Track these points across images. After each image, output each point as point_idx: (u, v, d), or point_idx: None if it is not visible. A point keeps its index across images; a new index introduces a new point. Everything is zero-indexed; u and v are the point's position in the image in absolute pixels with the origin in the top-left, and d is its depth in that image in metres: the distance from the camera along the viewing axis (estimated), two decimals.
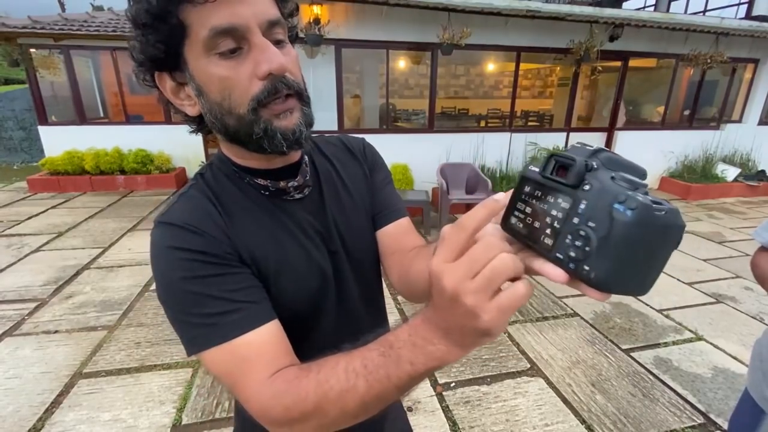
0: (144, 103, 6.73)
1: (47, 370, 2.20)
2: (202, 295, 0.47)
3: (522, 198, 0.34)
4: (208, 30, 0.43)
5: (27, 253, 3.69)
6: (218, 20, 0.43)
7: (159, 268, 0.49)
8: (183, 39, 0.45)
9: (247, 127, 0.48)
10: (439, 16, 4.71)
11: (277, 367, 0.45)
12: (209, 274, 0.48)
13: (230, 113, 0.48)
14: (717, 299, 3.13)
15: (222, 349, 0.46)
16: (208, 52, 0.45)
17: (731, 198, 6.28)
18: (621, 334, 2.65)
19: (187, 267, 0.47)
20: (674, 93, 6.54)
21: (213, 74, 0.46)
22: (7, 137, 8.52)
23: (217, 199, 0.54)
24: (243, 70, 0.46)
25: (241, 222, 0.54)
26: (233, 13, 0.43)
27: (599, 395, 2.10)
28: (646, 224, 0.26)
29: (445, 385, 2.15)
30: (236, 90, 0.46)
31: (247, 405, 0.44)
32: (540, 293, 3.16)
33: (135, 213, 4.91)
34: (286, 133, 0.49)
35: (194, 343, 0.47)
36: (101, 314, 2.74)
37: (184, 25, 0.44)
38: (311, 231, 0.59)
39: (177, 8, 0.43)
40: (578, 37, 5.24)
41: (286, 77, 0.47)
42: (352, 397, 0.39)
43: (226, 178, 0.57)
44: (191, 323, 0.47)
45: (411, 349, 0.36)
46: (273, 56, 0.45)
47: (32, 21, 5.77)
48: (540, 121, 7.78)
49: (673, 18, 5.31)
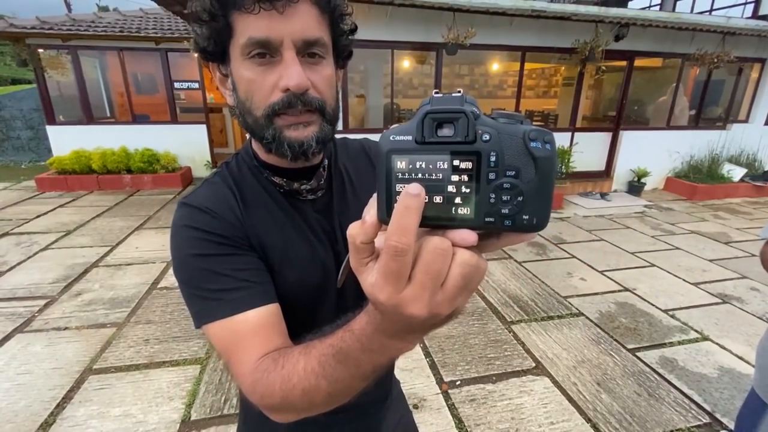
0: (150, 102, 6.79)
1: (58, 366, 2.23)
2: (211, 271, 0.51)
3: (401, 178, 0.27)
4: (246, 38, 0.47)
5: (36, 251, 3.74)
6: (256, 31, 0.47)
7: (175, 243, 0.53)
8: (229, 39, 0.49)
9: (260, 130, 0.52)
10: (443, 16, 4.71)
11: (268, 349, 0.48)
12: (219, 253, 0.52)
13: (249, 113, 0.52)
14: (723, 299, 3.12)
15: (223, 324, 0.49)
16: (243, 55, 0.49)
17: (737, 198, 6.24)
18: (626, 333, 2.65)
19: (199, 245, 0.52)
20: (680, 93, 6.51)
21: (243, 75, 0.50)
22: (15, 137, 8.61)
23: (237, 188, 0.58)
24: (269, 78, 0.49)
25: (256, 212, 0.58)
26: (271, 27, 0.47)
27: (604, 394, 2.11)
28: (556, 152, 0.26)
29: (450, 383, 2.16)
30: (257, 94, 0.50)
31: (237, 382, 0.49)
32: (545, 293, 3.17)
33: (142, 212, 4.96)
34: (293, 144, 0.52)
35: (200, 315, 0.51)
36: (110, 311, 2.78)
37: (231, 27, 0.48)
38: (319, 230, 0.62)
39: (227, 12, 0.47)
40: (583, 37, 5.22)
41: (307, 94, 0.50)
42: (317, 394, 0.40)
43: (248, 170, 0.60)
44: (199, 297, 0.51)
45: (369, 355, 0.35)
46: (295, 74, 0.48)
47: (40, 21, 5.83)
48: (545, 120, 7.76)
49: (679, 17, 5.28)
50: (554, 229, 4.71)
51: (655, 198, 6.19)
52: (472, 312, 2.86)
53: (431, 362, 2.33)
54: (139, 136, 6.34)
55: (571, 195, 6.09)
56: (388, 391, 0.79)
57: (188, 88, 6.59)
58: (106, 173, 6.00)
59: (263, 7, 0.46)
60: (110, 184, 5.99)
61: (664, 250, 4.11)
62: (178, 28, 6.24)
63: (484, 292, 3.16)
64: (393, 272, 0.26)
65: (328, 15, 0.51)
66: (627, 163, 6.37)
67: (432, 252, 0.25)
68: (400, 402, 0.88)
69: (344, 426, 0.70)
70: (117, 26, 6.05)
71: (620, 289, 3.26)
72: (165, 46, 6.20)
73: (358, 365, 0.36)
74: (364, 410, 0.73)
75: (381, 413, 0.76)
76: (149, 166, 6.14)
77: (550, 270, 3.59)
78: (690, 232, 4.70)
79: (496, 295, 3.11)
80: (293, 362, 0.42)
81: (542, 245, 4.18)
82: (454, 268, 0.26)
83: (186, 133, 6.60)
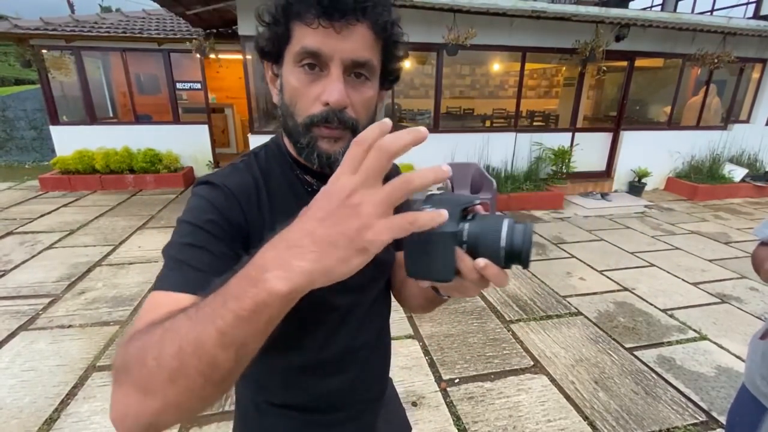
0: (153, 103, 6.83)
1: (62, 363, 2.27)
2: (181, 247, 0.50)
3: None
4: (300, 47, 0.51)
5: (40, 250, 3.78)
6: (310, 43, 0.50)
7: (183, 211, 0.55)
8: (286, 44, 0.53)
9: (297, 135, 0.55)
10: (444, 17, 4.73)
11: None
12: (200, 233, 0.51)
13: (291, 117, 0.55)
14: (722, 299, 3.13)
15: (153, 294, 0.47)
16: (295, 62, 0.52)
17: (739, 198, 6.24)
18: (625, 333, 2.67)
19: (191, 220, 0.52)
20: (681, 93, 6.51)
21: (290, 81, 0.54)
22: (19, 137, 8.67)
23: (263, 177, 0.60)
24: (313, 90, 0.52)
25: (281, 202, 0.59)
26: (325, 42, 0.50)
27: (602, 392, 2.12)
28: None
29: (449, 381, 2.19)
30: (301, 102, 0.54)
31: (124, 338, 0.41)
32: (544, 293, 3.19)
33: (144, 211, 4.99)
34: (322, 155, 0.55)
35: (157, 281, 0.49)
36: (113, 310, 2.81)
37: (290, 34, 0.52)
38: None
39: (288, 20, 0.52)
40: (584, 37, 5.23)
41: (344, 112, 0.53)
42: (170, 338, 0.34)
43: (278, 164, 0.63)
44: (163, 266, 0.50)
45: (241, 281, 0.33)
46: (336, 91, 0.51)
47: (44, 23, 5.88)
48: (545, 120, 7.76)
49: (680, 18, 5.29)
50: (554, 229, 4.72)
51: (655, 198, 6.19)
52: (471, 311, 2.89)
53: (430, 360, 2.35)
54: (142, 136, 6.38)
55: (571, 195, 6.10)
56: (382, 390, 0.80)
57: (190, 88, 6.63)
58: (109, 173, 6.04)
59: (322, 24, 0.49)
60: (113, 183, 6.03)
61: (664, 250, 4.12)
62: (180, 29, 6.28)
63: (484, 291, 3.18)
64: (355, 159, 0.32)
65: (382, 40, 0.54)
66: (628, 163, 6.38)
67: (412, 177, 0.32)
68: (394, 401, 0.90)
69: (340, 426, 0.71)
70: (120, 27, 6.10)
71: (619, 289, 3.27)
72: (167, 47, 6.24)
73: (243, 299, 0.32)
74: (360, 410, 0.74)
75: (376, 412, 0.78)
76: (152, 166, 6.18)
77: (549, 270, 3.60)
78: (690, 232, 4.70)
79: (495, 295, 3.13)
80: (177, 315, 0.36)
81: (542, 245, 4.19)
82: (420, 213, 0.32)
83: (188, 133, 6.64)
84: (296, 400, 0.67)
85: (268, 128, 5.73)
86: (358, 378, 0.70)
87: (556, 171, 5.95)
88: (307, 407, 0.68)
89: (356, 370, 0.69)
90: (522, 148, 5.84)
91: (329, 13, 0.48)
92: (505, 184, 5.45)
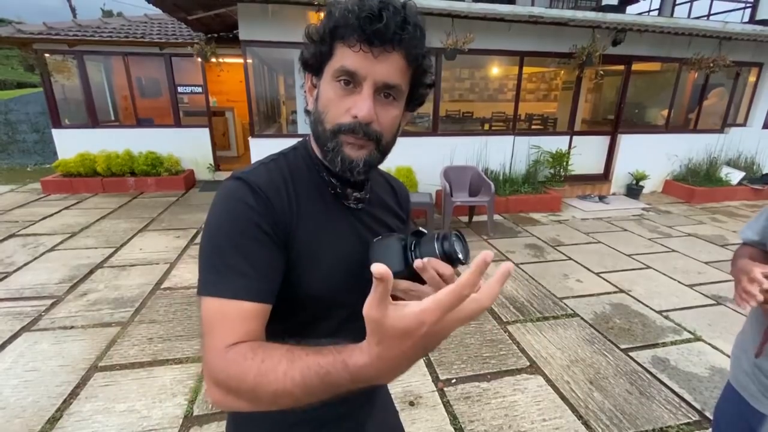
0: (154, 106, 6.89)
1: (64, 363, 2.30)
2: (240, 252, 0.56)
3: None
4: (340, 65, 0.57)
5: (42, 252, 3.81)
6: (349, 63, 0.56)
7: (221, 210, 0.58)
8: (328, 59, 0.60)
9: (324, 140, 0.61)
10: (443, 22, 4.79)
11: (246, 338, 0.53)
12: (256, 238, 0.57)
13: (321, 123, 0.61)
14: (717, 301, 3.16)
15: (221, 301, 0.54)
16: (333, 76, 0.59)
17: (736, 201, 6.28)
18: (620, 334, 2.70)
19: (244, 223, 0.57)
20: (678, 96, 6.57)
21: (326, 91, 0.60)
22: (21, 140, 8.72)
23: (292, 178, 0.65)
24: (345, 102, 0.58)
25: (307, 203, 0.64)
26: (362, 64, 0.56)
27: (597, 392, 2.15)
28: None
29: (446, 381, 2.22)
30: (332, 111, 0.59)
31: (206, 355, 0.52)
32: (541, 294, 3.22)
33: (145, 214, 5.04)
34: (345, 160, 0.60)
35: (208, 285, 0.55)
36: (114, 311, 2.84)
37: (333, 52, 0.59)
38: (355, 235, 0.69)
39: (333, 40, 0.58)
40: (581, 42, 5.29)
41: (370, 126, 0.59)
42: (286, 397, 0.46)
43: (305, 165, 0.68)
44: (216, 268, 0.56)
45: (353, 386, 0.44)
46: (365, 107, 0.57)
47: (47, 27, 5.94)
48: (544, 124, 7.82)
49: (677, 23, 5.35)
50: (552, 231, 4.76)
51: (653, 201, 6.23)
52: None
53: (427, 361, 2.38)
54: (143, 139, 6.43)
55: (569, 198, 6.14)
56: (375, 391, 0.83)
57: (191, 92, 6.69)
58: (110, 176, 6.09)
59: (363, 49, 0.55)
60: (114, 186, 6.07)
61: (661, 253, 4.16)
62: (182, 33, 6.35)
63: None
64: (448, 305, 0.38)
65: (413, 68, 0.60)
66: (626, 166, 6.42)
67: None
68: (386, 402, 0.92)
69: (332, 425, 0.73)
70: (122, 32, 6.16)
71: (615, 291, 3.31)
72: (169, 51, 6.30)
73: (338, 390, 0.44)
74: (353, 408, 0.76)
75: (369, 411, 0.80)
76: (153, 168, 6.23)
77: (546, 272, 3.64)
78: (687, 234, 4.74)
79: None
80: (274, 361, 0.46)
81: (540, 247, 4.23)
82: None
83: (189, 136, 6.70)
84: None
85: (268, 131, 5.78)
86: None
87: (554, 174, 5.99)
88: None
89: None
90: (520, 151, 5.89)
91: (370, 40, 0.54)
92: (503, 187, 5.50)
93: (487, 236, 4.51)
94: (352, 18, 0.54)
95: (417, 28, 0.57)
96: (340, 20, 0.56)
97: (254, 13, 4.54)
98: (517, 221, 5.12)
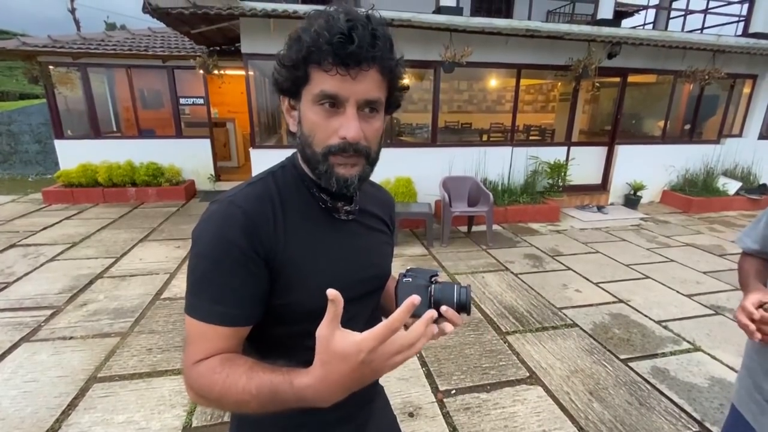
0: (156, 117, 6.97)
1: (63, 374, 2.30)
2: (221, 282, 0.59)
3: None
4: (320, 90, 0.58)
5: (43, 262, 3.82)
6: (328, 87, 0.57)
7: (208, 233, 0.60)
8: (304, 84, 0.60)
9: (315, 163, 0.63)
10: (441, 36, 4.88)
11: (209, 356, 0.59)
12: (237, 268, 0.59)
13: (309, 146, 0.63)
14: (716, 311, 3.17)
15: (202, 324, 0.60)
16: (313, 101, 0.60)
17: (733, 211, 6.31)
18: (619, 344, 2.70)
19: (227, 251, 0.59)
20: (674, 107, 6.65)
21: (310, 116, 0.61)
22: (23, 150, 8.79)
23: (280, 197, 0.66)
24: (331, 124, 0.60)
25: (296, 220, 0.66)
26: (341, 87, 0.57)
27: (596, 403, 2.15)
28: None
29: (445, 392, 2.21)
30: (319, 134, 0.61)
31: (184, 363, 0.60)
32: (541, 304, 3.22)
33: (146, 224, 5.06)
34: (340, 179, 0.63)
35: (192, 307, 0.61)
36: (114, 321, 2.84)
37: (309, 76, 0.59)
38: (348, 246, 0.71)
39: (307, 65, 0.58)
40: (577, 55, 5.38)
41: (359, 143, 0.61)
42: (245, 407, 0.54)
43: (294, 183, 0.69)
44: (198, 293, 0.60)
45: (297, 404, 0.51)
46: (353, 128, 0.59)
47: (52, 40, 6.05)
48: (542, 135, 7.90)
49: (670, 36, 5.46)
50: (551, 241, 4.78)
51: (651, 211, 6.27)
52: (468, 323, 2.92)
53: (427, 371, 2.38)
54: (145, 149, 6.49)
55: (568, 208, 6.18)
56: (374, 392, 0.85)
57: (193, 103, 6.77)
58: (111, 186, 6.12)
59: (339, 72, 0.56)
60: (115, 196, 6.11)
61: (659, 263, 4.17)
62: (185, 46, 6.45)
63: (481, 303, 3.22)
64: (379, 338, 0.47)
65: (388, 79, 0.62)
66: (623, 177, 6.47)
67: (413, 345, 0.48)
68: (386, 408, 0.94)
69: (334, 427, 0.75)
70: (126, 45, 6.26)
71: (615, 301, 3.31)
72: (172, 64, 6.40)
73: (285, 405, 0.51)
74: (353, 411, 0.78)
75: (368, 414, 0.83)
76: (154, 179, 6.27)
77: (545, 282, 3.65)
78: (685, 244, 4.76)
79: (492, 306, 3.17)
80: (236, 377, 0.54)
81: (539, 257, 4.24)
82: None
83: (190, 147, 6.75)
84: None
85: (269, 142, 5.83)
86: None
87: (552, 184, 6.04)
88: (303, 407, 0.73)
89: None
90: (518, 161, 5.94)
91: (345, 63, 0.56)
92: (502, 197, 5.53)
93: (486, 246, 4.53)
94: (324, 42, 0.55)
95: (386, 39, 0.59)
96: (312, 45, 0.56)
97: (256, 28, 4.63)
98: (516, 231, 5.14)
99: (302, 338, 0.67)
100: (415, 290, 0.64)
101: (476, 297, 3.33)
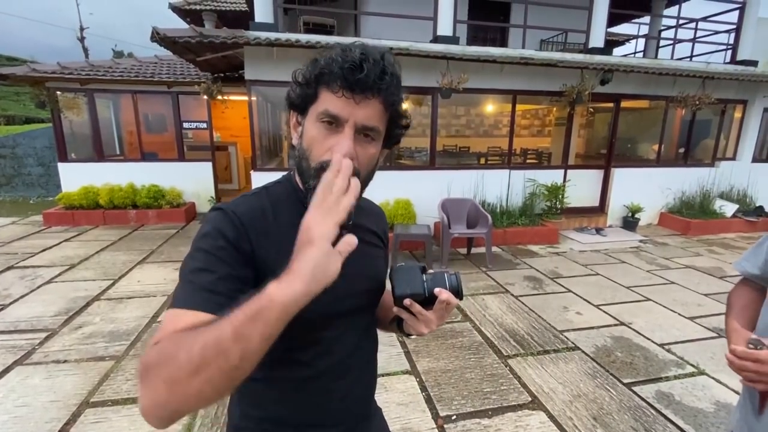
0: (159, 141, 7.08)
1: (55, 398, 2.24)
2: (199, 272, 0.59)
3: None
4: (324, 108, 0.63)
5: (40, 285, 3.80)
6: (332, 107, 0.62)
7: (194, 239, 0.64)
8: (312, 101, 0.66)
9: (308, 176, 0.66)
10: (438, 64, 5.04)
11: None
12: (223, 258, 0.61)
13: (306, 160, 0.66)
14: (718, 333, 3.13)
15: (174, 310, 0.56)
16: (317, 118, 0.64)
17: (732, 233, 6.33)
18: (622, 368, 2.66)
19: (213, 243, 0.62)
20: (667, 131, 6.79)
21: (310, 130, 0.66)
22: (26, 173, 8.88)
23: (273, 208, 0.70)
24: (328, 141, 0.64)
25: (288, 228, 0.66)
26: (344, 109, 0.62)
27: (600, 429, 2.10)
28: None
29: (446, 418, 2.16)
30: (316, 149, 0.65)
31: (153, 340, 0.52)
32: (541, 327, 3.19)
33: (145, 246, 5.05)
34: None
35: (177, 299, 0.58)
36: (109, 344, 2.80)
37: (317, 95, 0.65)
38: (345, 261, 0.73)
39: (318, 85, 0.64)
40: (571, 81, 5.54)
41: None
42: (199, 340, 0.45)
43: (287, 196, 0.73)
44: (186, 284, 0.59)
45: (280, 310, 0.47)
46: (346, 146, 0.62)
47: (61, 67, 6.22)
48: (538, 158, 8.02)
49: (661, 64, 5.64)
50: (550, 263, 4.77)
51: (649, 233, 6.29)
52: (468, 346, 2.88)
53: (427, 396, 2.33)
54: (147, 172, 6.56)
55: (566, 230, 6.20)
56: (370, 409, 0.85)
57: (197, 127, 6.90)
58: (112, 208, 6.16)
59: (345, 95, 0.61)
60: (116, 218, 6.13)
61: (660, 285, 4.15)
62: (190, 73, 6.64)
63: (481, 326, 3.19)
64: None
65: (389, 112, 0.67)
66: (620, 199, 6.53)
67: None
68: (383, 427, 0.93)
69: None
70: (133, 71, 6.45)
71: (616, 323, 3.28)
72: (177, 90, 6.57)
73: (267, 325, 0.46)
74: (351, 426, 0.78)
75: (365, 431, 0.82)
76: (155, 201, 6.31)
77: (546, 304, 3.62)
78: (685, 266, 4.75)
79: (492, 330, 3.13)
80: (207, 328, 0.47)
81: (539, 280, 4.23)
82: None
83: (192, 170, 6.83)
84: (290, 414, 0.73)
85: (270, 165, 5.91)
86: (349, 394, 0.76)
87: (550, 206, 6.08)
88: (300, 423, 0.73)
89: (348, 386, 0.76)
90: (516, 184, 6.01)
91: (352, 88, 0.61)
92: (500, 219, 5.56)
93: (486, 268, 4.52)
94: (336, 67, 0.61)
95: (394, 77, 0.64)
96: (325, 68, 0.62)
97: (260, 55, 4.79)
98: (515, 253, 5.14)
99: (290, 351, 0.69)
100: (410, 271, 0.68)
101: (476, 320, 3.30)
